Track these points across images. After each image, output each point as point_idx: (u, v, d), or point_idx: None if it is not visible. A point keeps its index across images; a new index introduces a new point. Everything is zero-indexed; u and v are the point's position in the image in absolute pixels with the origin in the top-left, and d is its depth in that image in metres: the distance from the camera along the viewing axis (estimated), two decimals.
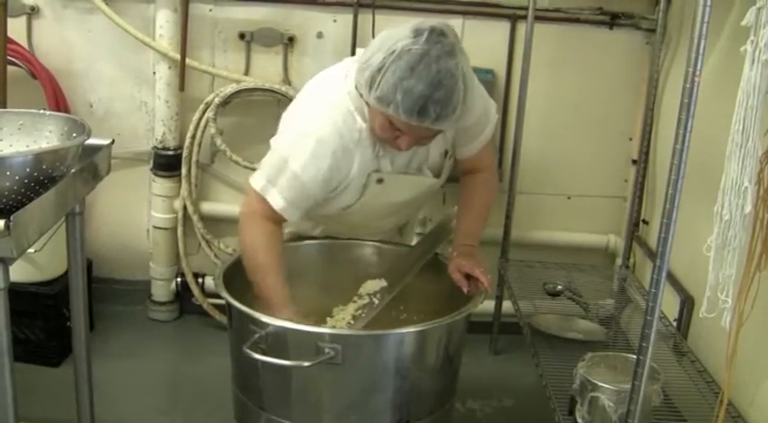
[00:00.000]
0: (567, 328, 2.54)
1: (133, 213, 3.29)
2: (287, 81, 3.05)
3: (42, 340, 2.88)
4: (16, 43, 2.95)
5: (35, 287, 2.84)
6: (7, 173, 1.48)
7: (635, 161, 3.09)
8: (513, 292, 2.78)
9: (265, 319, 1.85)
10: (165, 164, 3.13)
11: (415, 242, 2.48)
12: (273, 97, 3.00)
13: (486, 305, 3.06)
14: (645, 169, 2.97)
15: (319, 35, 3.04)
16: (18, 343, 2.41)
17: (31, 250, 2.43)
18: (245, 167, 3.01)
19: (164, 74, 3.04)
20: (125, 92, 3.15)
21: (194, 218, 3.16)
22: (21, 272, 2.73)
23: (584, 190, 3.24)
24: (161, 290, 3.29)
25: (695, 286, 2.48)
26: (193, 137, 3.08)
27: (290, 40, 3.04)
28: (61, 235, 2.10)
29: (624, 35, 3.06)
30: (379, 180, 2.05)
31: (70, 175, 1.71)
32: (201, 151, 3.13)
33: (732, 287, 1.58)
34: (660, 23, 2.84)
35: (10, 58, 2.89)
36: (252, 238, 2.06)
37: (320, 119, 2.00)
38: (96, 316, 3.14)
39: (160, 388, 2.93)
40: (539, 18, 2.89)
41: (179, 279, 3.27)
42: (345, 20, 3.00)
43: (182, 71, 3.00)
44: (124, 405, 2.68)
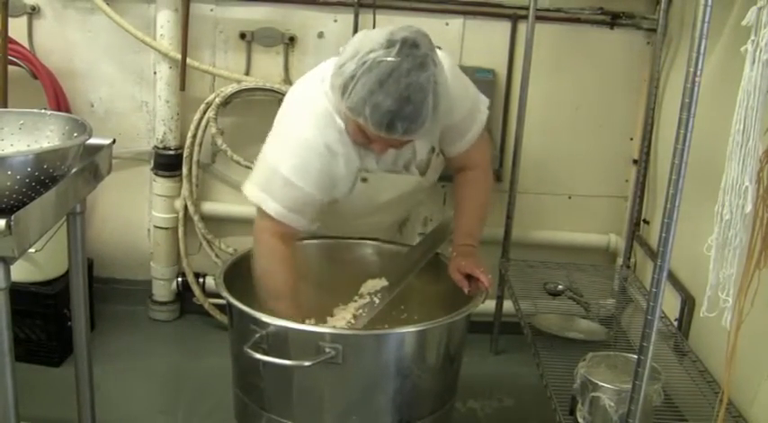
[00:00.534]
0: (567, 328, 2.55)
1: (134, 213, 3.29)
2: (288, 81, 3.05)
3: (43, 340, 2.88)
4: (17, 43, 2.95)
5: (36, 287, 2.84)
6: (8, 172, 1.48)
7: (636, 161, 3.09)
8: (514, 292, 2.78)
9: (266, 318, 1.85)
10: (166, 164, 3.13)
11: (416, 242, 2.48)
12: (274, 97, 2.99)
13: (487, 305, 3.06)
14: (646, 169, 2.97)
15: (320, 35, 3.04)
16: (19, 343, 2.42)
17: (31, 250, 2.43)
18: (245, 167, 3.01)
19: (164, 74, 3.04)
20: (126, 92, 3.15)
21: (195, 218, 3.16)
22: (22, 272, 2.74)
23: (585, 189, 3.24)
24: (162, 290, 3.29)
25: (696, 286, 2.48)
26: (194, 137, 3.08)
27: (291, 39, 3.04)
28: (62, 235, 2.10)
29: (625, 35, 3.06)
30: (364, 179, 2.06)
31: (71, 174, 1.71)
32: (202, 151, 3.13)
33: (733, 286, 1.58)
34: (661, 23, 2.84)
35: (11, 57, 2.89)
36: (263, 258, 2.07)
37: (301, 122, 2.02)
38: (97, 316, 3.14)
39: (161, 388, 2.93)
40: (539, 18, 2.89)
41: (180, 279, 3.27)
42: (346, 20, 3.00)
43: (182, 71, 3.00)
44: (125, 405, 2.68)
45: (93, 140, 1.81)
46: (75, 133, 1.76)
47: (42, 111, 1.88)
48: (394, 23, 2.03)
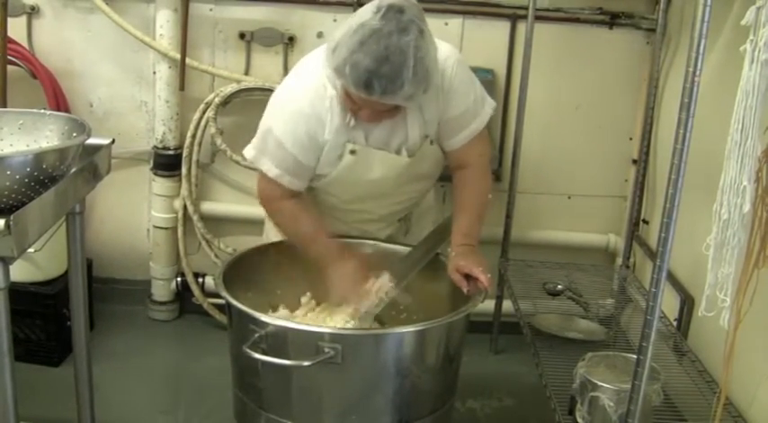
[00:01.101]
0: (567, 328, 2.55)
1: (133, 213, 3.29)
2: None
3: (42, 340, 2.88)
4: (16, 43, 2.95)
5: (35, 287, 2.84)
6: (7, 172, 1.48)
7: (635, 161, 3.09)
8: (514, 292, 2.78)
9: (265, 318, 1.85)
10: (166, 163, 3.13)
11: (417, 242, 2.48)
12: None
13: (487, 305, 3.06)
14: (645, 169, 2.97)
15: (319, 35, 3.04)
16: (18, 343, 2.41)
17: (31, 250, 2.43)
18: (245, 167, 3.01)
19: (164, 73, 3.04)
20: (125, 91, 3.15)
21: (194, 217, 3.16)
22: (21, 271, 2.74)
23: (585, 189, 3.24)
24: (161, 289, 3.29)
25: (695, 286, 2.48)
26: (193, 136, 3.08)
27: (291, 39, 3.04)
28: (61, 235, 2.10)
29: (624, 35, 3.06)
30: (352, 151, 2.11)
31: (70, 174, 1.71)
32: (202, 151, 3.13)
33: (731, 286, 1.58)
34: (660, 23, 2.84)
35: (10, 57, 2.89)
36: (279, 223, 2.24)
37: (294, 88, 2.14)
38: (96, 316, 3.14)
39: (160, 387, 2.93)
40: (539, 18, 2.89)
41: (179, 279, 3.28)
42: (345, 19, 2.99)
43: (182, 71, 3.00)
44: (124, 404, 2.68)
45: (92, 140, 1.81)
46: (74, 133, 1.76)
47: (41, 111, 1.88)
48: None
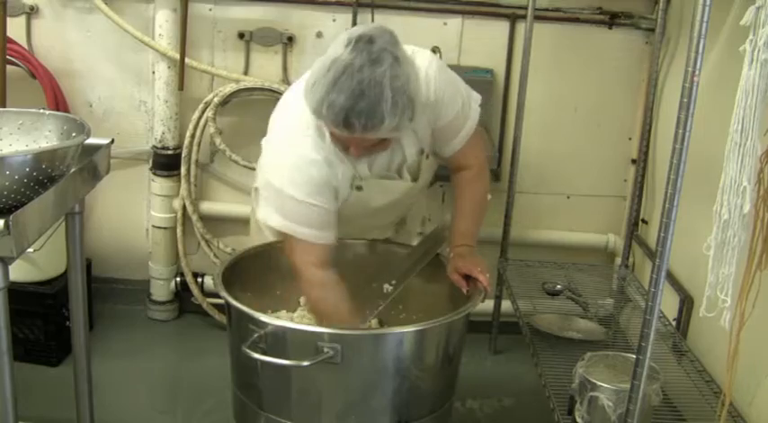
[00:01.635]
0: (566, 328, 2.54)
1: (132, 213, 3.29)
2: (286, 81, 3.05)
3: (42, 340, 2.88)
4: (16, 43, 2.95)
5: (34, 287, 2.84)
6: (7, 172, 1.48)
7: (634, 161, 3.09)
8: (513, 292, 2.78)
9: (265, 318, 1.85)
10: (165, 163, 3.13)
11: (415, 241, 2.48)
12: (273, 97, 2.99)
13: (486, 305, 3.06)
14: (644, 169, 2.97)
15: (318, 35, 3.04)
16: (17, 342, 2.41)
17: (30, 250, 2.43)
18: (244, 167, 3.01)
19: (163, 73, 3.04)
20: (124, 91, 3.15)
21: (194, 217, 3.16)
22: (20, 271, 2.74)
23: (584, 189, 3.24)
24: (160, 289, 3.29)
25: (695, 286, 2.48)
26: (193, 136, 3.08)
27: (290, 39, 3.04)
28: (61, 234, 2.10)
29: (623, 35, 3.06)
30: (358, 187, 2.07)
31: (70, 174, 1.71)
32: (201, 151, 3.13)
33: (731, 286, 1.58)
34: (659, 23, 2.84)
35: (9, 57, 2.88)
36: (314, 296, 2.09)
37: (292, 134, 2.03)
38: (96, 315, 3.14)
39: (159, 387, 2.93)
40: (538, 17, 2.89)
41: (178, 278, 3.27)
42: (345, 19, 3.00)
43: (181, 71, 3.00)
44: (124, 404, 2.68)
45: (91, 140, 1.81)
46: (73, 133, 1.76)
47: (41, 110, 1.88)
48: (392, 23, 2.03)
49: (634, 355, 1.66)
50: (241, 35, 3.05)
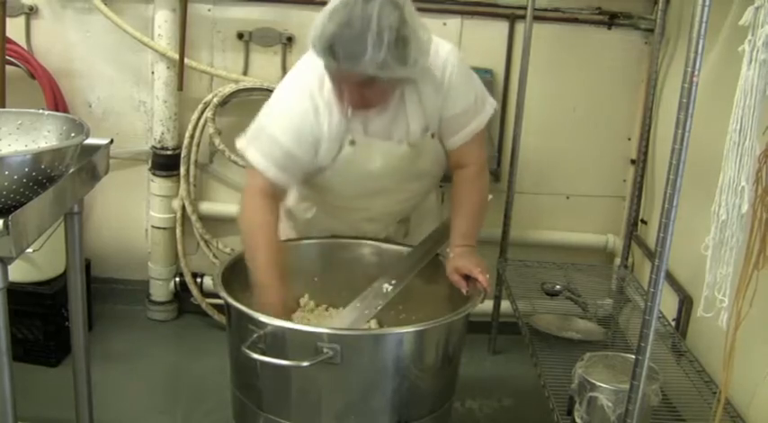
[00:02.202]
0: (565, 328, 2.55)
1: (132, 213, 3.29)
2: None
3: (41, 340, 2.88)
4: (15, 43, 2.95)
5: (34, 287, 2.84)
6: (6, 172, 1.48)
7: (634, 161, 3.10)
8: (512, 292, 2.79)
9: (264, 318, 1.85)
10: (164, 164, 3.13)
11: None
12: None
13: (485, 305, 3.05)
14: (643, 169, 2.98)
15: None
16: (17, 343, 2.40)
17: (29, 250, 2.43)
18: (243, 167, 3.01)
19: (162, 74, 3.04)
20: (124, 92, 3.15)
21: (193, 218, 3.16)
22: (19, 271, 2.74)
23: (583, 190, 3.24)
24: (160, 290, 3.29)
25: (694, 286, 2.48)
26: (192, 137, 3.08)
27: (289, 39, 3.05)
28: (60, 235, 2.10)
29: (623, 35, 3.06)
30: (352, 142, 2.11)
31: (69, 174, 1.71)
32: (200, 151, 3.13)
33: (729, 286, 1.58)
34: (659, 23, 2.84)
35: (8, 58, 2.89)
36: (244, 217, 2.17)
37: (293, 84, 2.16)
38: (95, 316, 3.14)
39: (159, 388, 2.93)
40: (537, 18, 2.89)
41: (178, 279, 3.28)
42: None
43: (180, 71, 3.00)
44: (123, 405, 2.68)
45: (90, 140, 1.80)
46: (72, 133, 1.76)
47: (40, 111, 1.88)
48: None
49: (633, 356, 1.66)
50: (240, 35, 3.05)
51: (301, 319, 2.20)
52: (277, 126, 2.10)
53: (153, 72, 3.07)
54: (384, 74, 1.93)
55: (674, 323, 2.55)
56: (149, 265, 3.28)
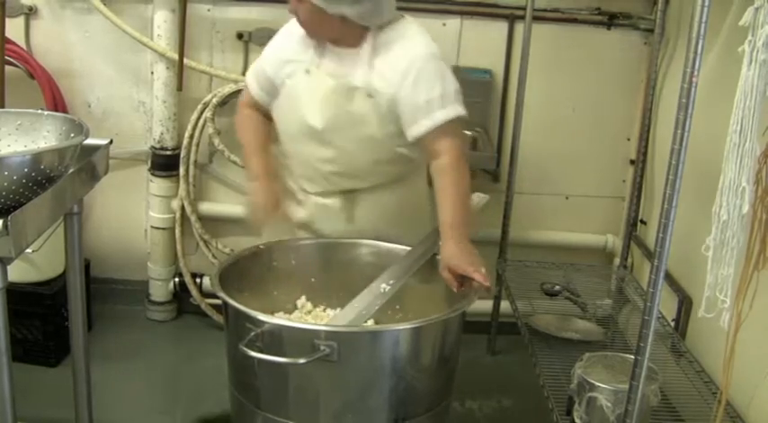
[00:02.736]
0: (564, 328, 2.55)
1: (131, 213, 3.29)
2: None
3: (40, 340, 2.88)
4: (14, 43, 2.95)
5: (33, 287, 2.84)
6: (5, 173, 1.48)
7: (633, 161, 3.10)
8: (511, 292, 2.79)
9: (262, 316, 1.85)
10: (163, 164, 3.13)
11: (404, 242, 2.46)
12: None
13: (484, 305, 3.07)
14: (643, 169, 2.98)
15: None
16: (16, 343, 2.40)
17: (29, 250, 2.43)
18: (242, 167, 3.01)
19: (162, 74, 3.04)
20: (123, 92, 3.15)
21: (192, 218, 3.16)
22: (19, 272, 2.73)
23: (583, 190, 3.24)
24: (159, 290, 3.29)
25: (693, 286, 2.48)
26: (191, 137, 3.08)
27: None
28: (59, 235, 2.10)
29: (622, 35, 3.06)
30: (307, 71, 2.23)
31: (68, 175, 1.71)
32: (199, 151, 3.13)
33: (730, 287, 1.58)
34: (658, 24, 2.85)
35: (8, 58, 2.89)
36: (237, 120, 2.45)
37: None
38: (94, 316, 3.14)
39: (158, 388, 2.92)
40: (536, 18, 2.89)
41: (177, 279, 3.27)
42: None
43: (180, 71, 3.00)
44: (122, 405, 2.68)
45: (90, 141, 1.80)
46: (72, 134, 1.76)
47: (39, 111, 1.88)
48: None
49: (632, 356, 1.66)
50: (240, 35, 3.05)
51: (299, 321, 2.20)
52: (267, 47, 2.35)
53: (152, 72, 3.07)
54: (324, 4, 2.07)
55: (673, 323, 2.55)
56: (149, 265, 3.27)
